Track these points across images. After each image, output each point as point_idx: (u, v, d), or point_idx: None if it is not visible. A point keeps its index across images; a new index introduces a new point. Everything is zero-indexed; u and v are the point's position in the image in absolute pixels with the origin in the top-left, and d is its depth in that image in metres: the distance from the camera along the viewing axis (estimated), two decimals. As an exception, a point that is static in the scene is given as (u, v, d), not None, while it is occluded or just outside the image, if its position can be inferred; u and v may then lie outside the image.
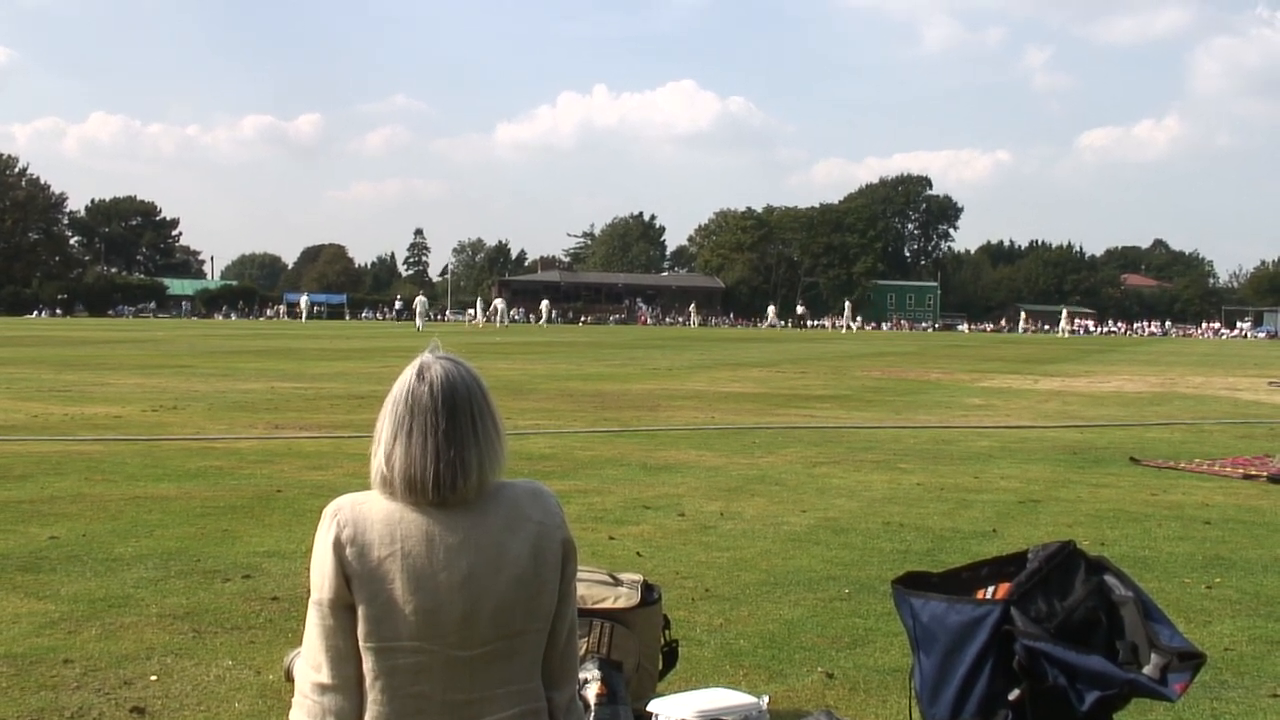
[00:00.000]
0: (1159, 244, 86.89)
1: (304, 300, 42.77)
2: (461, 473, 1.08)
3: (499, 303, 38.29)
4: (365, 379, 9.53)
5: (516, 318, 45.03)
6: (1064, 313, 51.31)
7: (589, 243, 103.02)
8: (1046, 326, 55.18)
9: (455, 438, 1.09)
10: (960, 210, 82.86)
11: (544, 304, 41.72)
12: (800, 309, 44.46)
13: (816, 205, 76.22)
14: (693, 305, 49.84)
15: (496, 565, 1.09)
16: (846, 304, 44.90)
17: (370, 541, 1.08)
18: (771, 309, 41.33)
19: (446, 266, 75.44)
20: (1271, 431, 6.59)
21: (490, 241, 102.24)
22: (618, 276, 76.11)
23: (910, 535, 3.38)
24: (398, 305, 46.84)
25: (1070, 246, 78.21)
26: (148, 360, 11.85)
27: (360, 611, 1.06)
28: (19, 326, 25.25)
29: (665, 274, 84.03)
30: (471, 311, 70.35)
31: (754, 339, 28.40)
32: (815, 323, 45.55)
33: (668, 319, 71.02)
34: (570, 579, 1.14)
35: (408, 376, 1.12)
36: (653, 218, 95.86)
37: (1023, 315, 57.44)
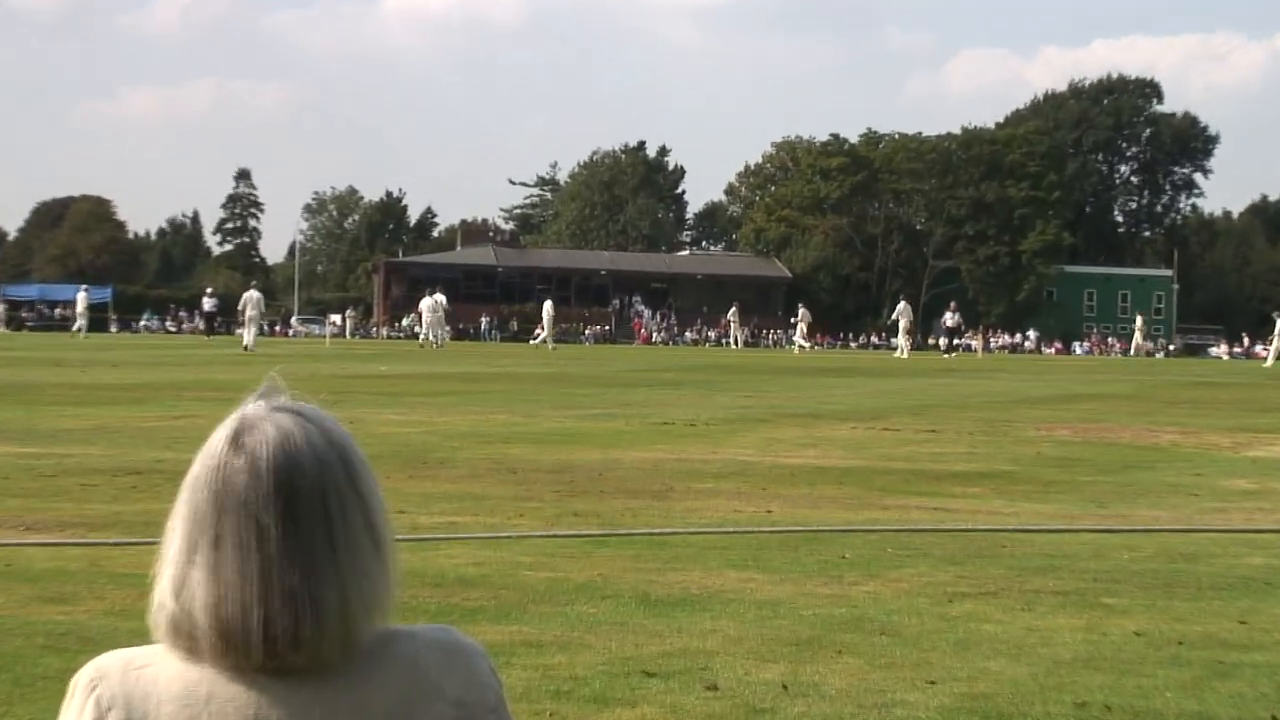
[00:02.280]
0: None
1: (81, 299, 41.66)
2: (312, 615, 1.10)
3: (432, 303, 38.95)
4: (147, 439, 9.54)
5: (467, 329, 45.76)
6: None
7: (548, 196, 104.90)
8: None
9: (299, 553, 1.10)
10: (1213, 142, 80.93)
11: (546, 310, 41.88)
12: (952, 318, 43.88)
13: (955, 130, 77.61)
14: (733, 309, 50.52)
15: None
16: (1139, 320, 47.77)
17: None
18: (902, 313, 41.01)
19: (294, 242, 76.47)
20: None
21: (371, 194, 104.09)
22: (599, 257, 77.28)
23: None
24: (208, 305, 46.68)
25: None
26: None
27: None
28: None
29: (685, 253, 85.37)
30: (336, 319, 70.05)
31: (845, 369, 29.13)
32: (961, 341, 45.40)
33: (688, 332, 72.29)
34: None
35: (216, 445, 1.14)
36: (662, 153, 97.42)
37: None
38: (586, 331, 68.36)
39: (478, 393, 16.04)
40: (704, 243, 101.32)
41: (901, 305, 41.51)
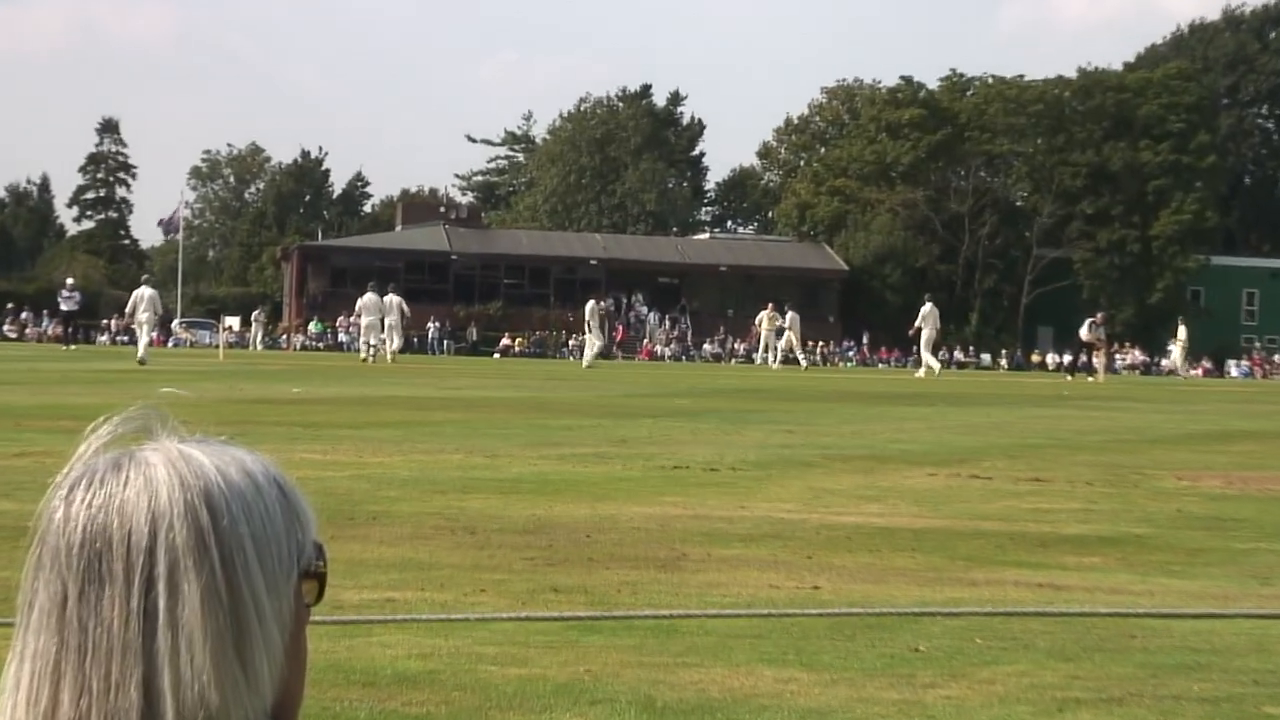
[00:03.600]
0: None
1: None
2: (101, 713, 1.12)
3: (375, 301, 39.89)
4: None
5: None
6: None
7: (519, 159, 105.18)
8: None
9: (99, 631, 1.14)
10: None
11: (589, 312, 43.39)
12: (1094, 330, 43.57)
13: (1068, 73, 78.38)
14: (764, 312, 50.63)
15: None
16: (1182, 331, 48.57)
17: None
18: (926, 319, 41.65)
19: (174, 216, 75.39)
20: None
21: (281, 154, 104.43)
22: (587, 242, 77.89)
23: None
24: (66, 303, 46.33)
25: None
26: None
27: None
28: None
29: (704, 236, 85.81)
30: (233, 323, 70.20)
31: (918, 395, 29.23)
32: (1086, 360, 45.37)
33: (706, 344, 72.37)
34: None
35: (53, 497, 1.20)
36: (674, 101, 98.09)
37: None
38: (571, 341, 68.47)
39: (424, 424, 16.06)
40: (729, 223, 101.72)
41: (926, 309, 41.81)
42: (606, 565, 7.33)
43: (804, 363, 49.50)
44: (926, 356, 42.30)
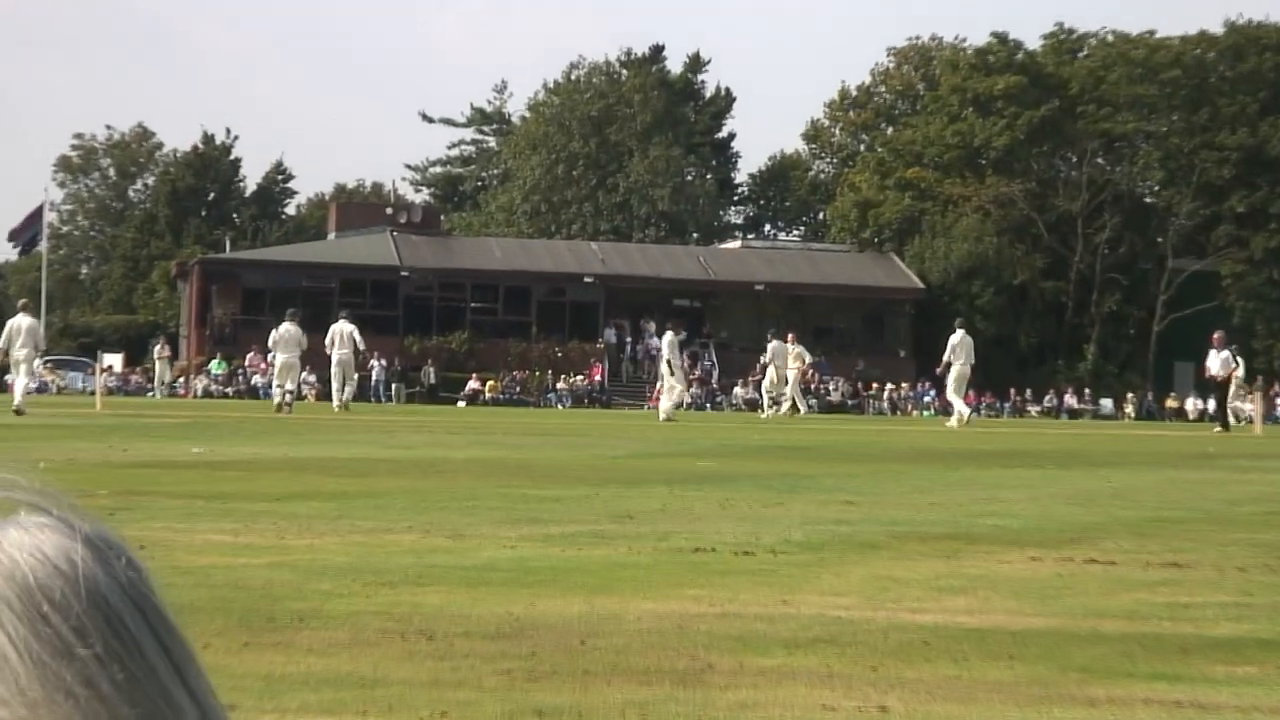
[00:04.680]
0: None
1: None
2: None
3: (290, 335, 40.30)
4: None
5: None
6: None
7: (490, 143, 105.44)
8: None
9: None
10: None
11: (666, 345, 43.89)
12: (1226, 364, 43.86)
13: (1211, 27, 78.81)
14: (787, 345, 50.63)
15: None
16: None
17: None
18: (956, 350, 42.71)
19: (31, 223, 75.30)
20: None
21: (177, 139, 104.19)
22: (581, 253, 78.46)
23: None
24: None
25: None
26: None
27: None
28: None
29: (733, 245, 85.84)
30: (111, 362, 70.23)
31: (1018, 453, 28.98)
32: (1220, 403, 45.74)
33: (740, 386, 72.24)
34: None
35: None
36: (694, 66, 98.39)
37: None
38: (560, 384, 68.52)
39: (367, 495, 16.16)
40: (767, 228, 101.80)
41: (957, 339, 42.45)
42: (607, 680, 7.32)
43: (787, 408, 49.79)
44: (955, 400, 43.17)
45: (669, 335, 44.05)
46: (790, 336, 51.04)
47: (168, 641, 1.27)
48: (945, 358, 44.16)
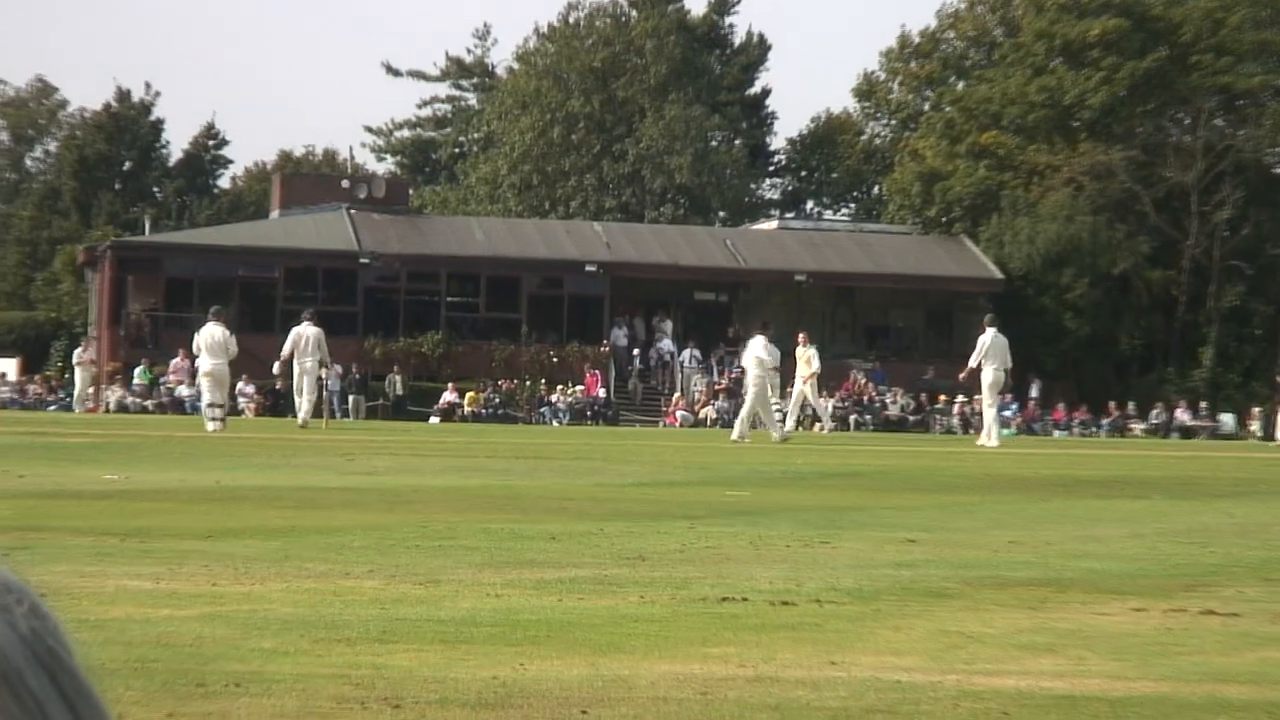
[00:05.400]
0: None
1: None
2: None
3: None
4: None
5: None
6: None
7: (469, 101, 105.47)
8: None
9: None
10: None
11: (754, 350, 44.02)
12: None
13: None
14: (800, 348, 50.77)
15: None
16: None
17: None
18: (989, 354, 43.44)
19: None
20: None
21: (84, 97, 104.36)
22: (583, 235, 78.71)
23: None
24: None
25: None
26: None
27: None
28: None
29: (769, 225, 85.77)
30: (3, 369, 70.95)
31: (1117, 480, 29.21)
32: None
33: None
34: None
35: None
36: (720, 6, 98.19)
37: None
38: (556, 396, 68.54)
39: (319, 532, 16.20)
40: (810, 205, 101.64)
41: (988, 340, 42.61)
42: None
43: (791, 424, 49.82)
44: (989, 414, 44.03)
45: (760, 338, 43.90)
46: (802, 337, 50.87)
47: (78, 705, 1.26)
48: (972, 362, 44.18)
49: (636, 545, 15.42)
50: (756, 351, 43.86)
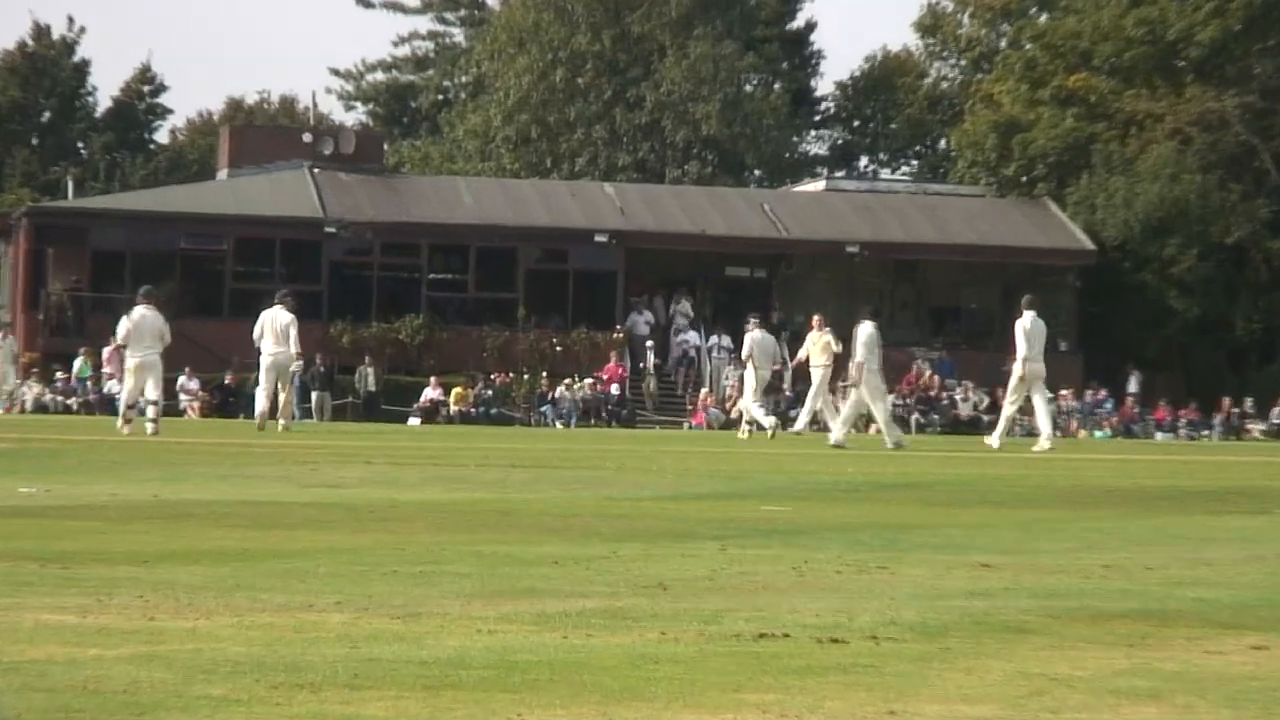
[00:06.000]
0: None
1: None
2: None
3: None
4: None
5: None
6: None
7: (456, 37, 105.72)
8: None
9: None
10: None
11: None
12: None
13: None
14: (814, 332, 50.98)
15: None
16: None
17: None
18: (1031, 337, 44.20)
19: None
20: None
21: None
22: (591, 198, 78.33)
23: None
24: None
25: None
26: None
27: None
28: None
29: (815, 186, 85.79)
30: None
31: (1233, 491, 29.90)
32: None
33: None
34: None
35: None
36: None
37: None
38: (560, 392, 68.64)
39: (276, 556, 16.29)
40: (862, 160, 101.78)
41: (1028, 323, 43.46)
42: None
43: (804, 422, 50.49)
44: (1041, 415, 45.17)
45: (868, 326, 43.93)
46: (816, 320, 50.73)
47: None
48: (1023, 351, 44.89)
49: (656, 571, 15.47)
50: (864, 339, 43.88)
